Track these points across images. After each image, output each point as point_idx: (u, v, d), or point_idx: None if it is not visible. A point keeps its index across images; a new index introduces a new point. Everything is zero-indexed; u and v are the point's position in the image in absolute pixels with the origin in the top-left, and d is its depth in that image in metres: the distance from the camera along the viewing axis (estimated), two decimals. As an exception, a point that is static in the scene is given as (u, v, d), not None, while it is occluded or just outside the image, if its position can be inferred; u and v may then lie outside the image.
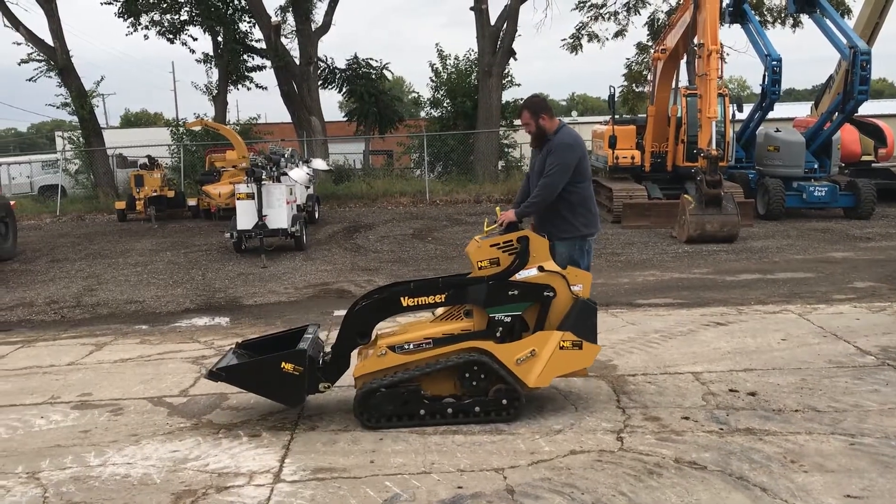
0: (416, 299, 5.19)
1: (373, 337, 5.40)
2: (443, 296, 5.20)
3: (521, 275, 5.18)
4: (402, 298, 5.20)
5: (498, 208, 5.66)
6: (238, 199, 13.56)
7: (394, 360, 5.12)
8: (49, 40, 23.25)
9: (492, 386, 5.13)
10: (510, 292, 5.15)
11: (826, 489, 4.04)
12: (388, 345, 5.14)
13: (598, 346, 5.35)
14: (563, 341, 5.14)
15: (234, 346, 5.82)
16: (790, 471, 4.27)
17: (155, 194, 19.60)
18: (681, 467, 4.36)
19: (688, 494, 4.03)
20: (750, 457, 4.46)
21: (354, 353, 5.42)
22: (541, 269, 5.22)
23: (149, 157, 21.20)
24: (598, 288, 9.70)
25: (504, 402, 5.12)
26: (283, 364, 5.08)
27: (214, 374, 5.17)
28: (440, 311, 5.41)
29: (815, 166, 17.28)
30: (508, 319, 5.18)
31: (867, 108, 18.87)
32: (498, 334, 5.17)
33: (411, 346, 5.14)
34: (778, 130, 17.95)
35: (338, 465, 4.55)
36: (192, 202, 20.24)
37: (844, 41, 16.09)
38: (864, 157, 19.78)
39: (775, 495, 3.99)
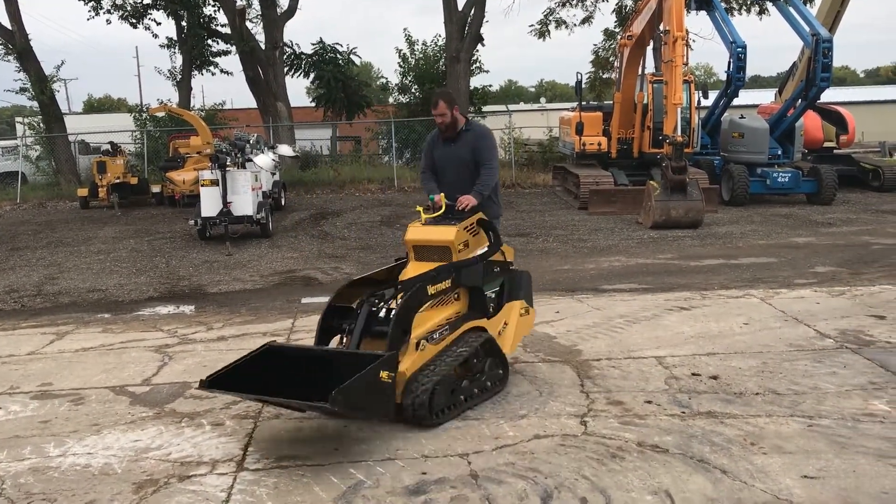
0: (436, 286, 5.08)
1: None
2: (450, 280, 5.18)
3: (479, 252, 5.47)
4: (429, 287, 5.02)
5: (442, 195, 5.59)
6: (202, 185, 13.43)
7: (431, 351, 4.95)
8: (6, 23, 22.74)
9: (487, 360, 5.30)
10: (495, 269, 5.53)
11: (784, 470, 4.10)
12: (422, 337, 4.91)
13: (535, 310, 5.94)
14: (522, 309, 5.67)
15: (201, 385, 4.58)
16: (750, 453, 4.33)
17: (118, 181, 19.30)
18: (643, 451, 4.40)
19: (650, 478, 4.07)
20: (711, 440, 4.52)
21: None
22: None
23: (111, 143, 20.88)
24: (564, 274, 9.77)
25: (500, 371, 5.41)
26: (382, 373, 4.46)
27: (336, 402, 4.07)
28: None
29: (779, 152, 17.51)
30: (493, 295, 5.57)
31: (829, 96, 19.13)
32: (491, 310, 5.49)
33: (437, 335, 5.01)
34: (742, 117, 18.13)
35: (301, 452, 4.53)
36: (155, 189, 19.98)
37: (807, 29, 16.28)
38: (827, 144, 20.06)
39: (735, 477, 4.05)
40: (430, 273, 5.14)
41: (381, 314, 5.10)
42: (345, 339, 5.13)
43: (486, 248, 5.52)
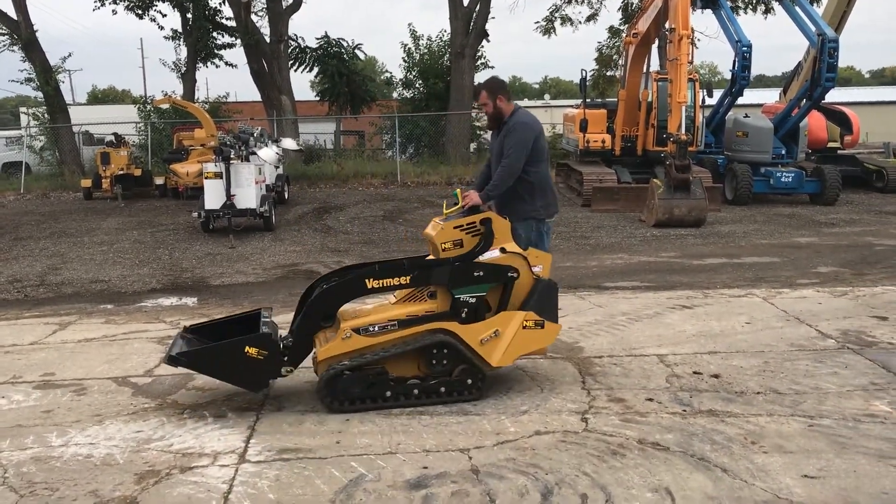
0: (381, 281, 5.14)
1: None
2: (408, 277, 5.17)
3: (485, 256, 5.22)
4: (367, 280, 5.13)
5: (459, 190, 5.63)
6: (206, 178, 13.41)
7: (359, 342, 5.06)
8: (12, 13, 22.74)
9: (456, 366, 5.16)
10: (475, 273, 5.18)
11: (784, 469, 4.11)
12: (352, 327, 5.07)
13: (559, 325, 5.47)
14: (527, 321, 5.23)
15: (181, 329, 5.62)
16: (750, 452, 4.34)
17: (121, 172, 19.30)
18: (644, 448, 4.41)
19: (650, 475, 4.08)
20: (712, 438, 4.53)
21: None
22: (503, 250, 5.28)
23: (115, 134, 20.88)
24: (566, 271, 9.76)
25: (469, 381, 5.17)
26: (247, 348, 4.99)
27: (174, 359, 4.99)
28: (401, 292, 5.34)
29: (783, 152, 17.51)
30: (473, 300, 5.20)
31: (834, 96, 19.10)
32: (463, 315, 5.17)
33: (376, 329, 5.09)
34: (747, 116, 18.12)
35: (303, 445, 4.55)
36: (159, 181, 19.98)
37: (813, 28, 16.26)
38: (831, 144, 20.06)
39: (735, 476, 4.05)
40: (372, 267, 5.27)
41: None
42: None
43: (470, 250, 5.23)
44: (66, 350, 6.74)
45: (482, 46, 25.64)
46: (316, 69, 27.52)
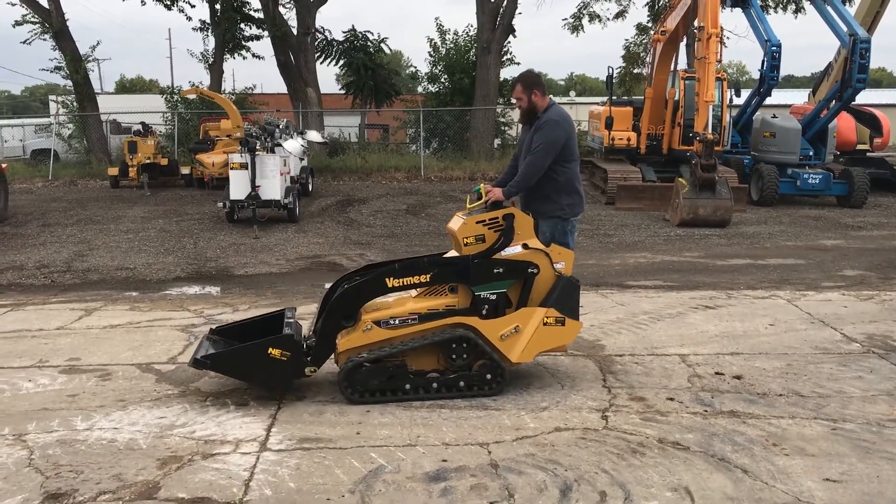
0: (401, 280, 5.17)
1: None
2: (428, 275, 5.19)
3: (506, 252, 5.21)
4: (387, 279, 5.17)
5: (482, 185, 5.61)
6: (231, 168, 13.51)
7: (379, 335, 5.11)
8: (44, 2, 22.97)
9: (476, 361, 5.18)
10: (495, 270, 5.18)
11: (806, 472, 4.08)
12: (373, 320, 5.11)
13: (580, 323, 5.43)
14: (547, 318, 5.22)
15: (207, 332, 5.75)
16: (772, 454, 4.31)
17: (148, 161, 19.47)
18: (664, 447, 4.40)
19: (670, 474, 4.07)
20: (733, 439, 4.51)
21: None
22: (525, 246, 5.27)
23: (143, 123, 21.04)
24: (589, 268, 9.73)
25: (488, 376, 5.19)
26: (271, 350, 5.05)
27: (199, 363, 5.09)
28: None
29: (811, 153, 17.31)
30: (493, 297, 5.20)
31: (864, 97, 18.84)
32: (483, 311, 5.18)
33: (396, 322, 5.13)
34: (774, 116, 17.92)
35: (324, 435, 4.58)
36: (185, 170, 20.13)
37: (845, 28, 16.04)
38: (860, 146, 19.79)
39: (756, 477, 4.03)
40: (392, 266, 5.30)
41: None
42: None
43: (490, 246, 5.21)
44: (91, 336, 6.83)
45: (508, 42, 25.52)
46: (342, 62, 27.54)
